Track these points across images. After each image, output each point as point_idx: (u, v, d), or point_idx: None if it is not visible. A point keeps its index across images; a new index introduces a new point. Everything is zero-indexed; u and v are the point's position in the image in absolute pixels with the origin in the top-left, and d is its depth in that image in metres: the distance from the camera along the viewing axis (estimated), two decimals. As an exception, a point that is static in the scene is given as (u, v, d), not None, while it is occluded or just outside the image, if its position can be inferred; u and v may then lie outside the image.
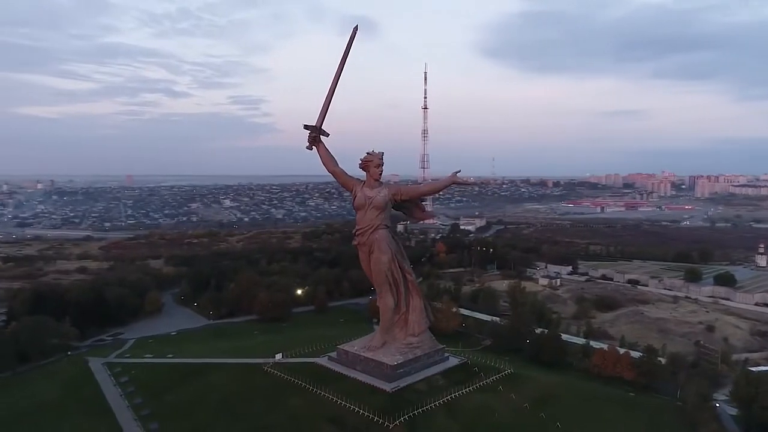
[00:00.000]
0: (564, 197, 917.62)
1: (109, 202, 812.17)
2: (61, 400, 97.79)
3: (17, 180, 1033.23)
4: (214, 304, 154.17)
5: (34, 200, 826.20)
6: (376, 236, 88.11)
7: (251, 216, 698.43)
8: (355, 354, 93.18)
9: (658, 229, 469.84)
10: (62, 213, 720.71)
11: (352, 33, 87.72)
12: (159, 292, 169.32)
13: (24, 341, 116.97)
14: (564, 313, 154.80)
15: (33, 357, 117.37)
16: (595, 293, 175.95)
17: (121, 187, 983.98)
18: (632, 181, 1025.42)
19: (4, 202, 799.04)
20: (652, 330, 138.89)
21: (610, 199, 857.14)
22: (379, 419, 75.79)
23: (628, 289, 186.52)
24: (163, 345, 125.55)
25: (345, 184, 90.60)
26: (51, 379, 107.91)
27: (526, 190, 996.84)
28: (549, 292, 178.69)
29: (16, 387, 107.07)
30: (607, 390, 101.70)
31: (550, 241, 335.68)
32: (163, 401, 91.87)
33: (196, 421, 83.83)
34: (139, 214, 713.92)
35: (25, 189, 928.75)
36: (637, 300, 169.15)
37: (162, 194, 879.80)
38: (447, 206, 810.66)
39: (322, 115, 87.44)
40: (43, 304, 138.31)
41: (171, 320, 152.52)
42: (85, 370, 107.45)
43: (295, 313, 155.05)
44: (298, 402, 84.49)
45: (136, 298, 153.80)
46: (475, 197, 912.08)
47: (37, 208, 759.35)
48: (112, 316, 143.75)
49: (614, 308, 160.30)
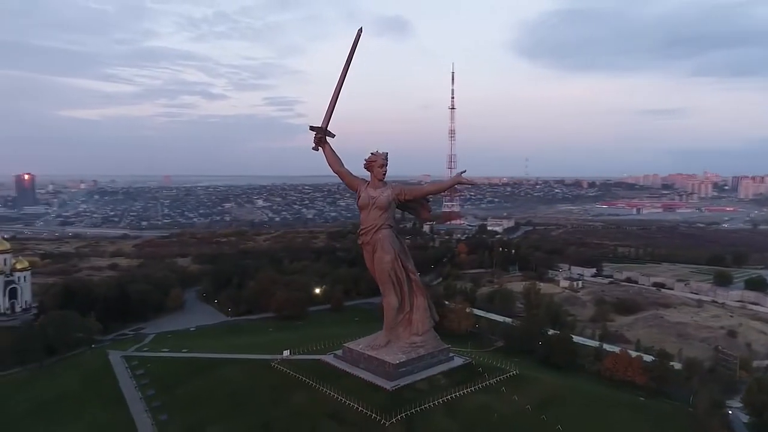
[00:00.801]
0: (599, 198, 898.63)
1: (147, 202, 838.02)
2: (81, 390, 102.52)
3: (62, 180, 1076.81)
4: (233, 301, 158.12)
5: (77, 200, 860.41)
6: (379, 236, 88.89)
7: (282, 216, 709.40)
8: (359, 352, 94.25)
9: (695, 231, 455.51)
10: (103, 212, 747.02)
11: (357, 36, 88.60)
12: (182, 289, 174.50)
13: (51, 334, 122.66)
14: (582, 316, 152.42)
15: (59, 349, 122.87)
16: (615, 296, 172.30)
17: (159, 186, 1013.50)
18: (672, 181, 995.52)
19: (50, 201, 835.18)
20: (671, 334, 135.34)
21: (647, 200, 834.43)
22: (377, 417, 76.65)
23: (652, 293, 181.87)
24: (180, 340, 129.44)
25: (350, 184, 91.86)
26: (74, 371, 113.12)
27: (560, 190, 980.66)
28: (568, 294, 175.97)
29: (42, 378, 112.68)
30: (617, 394, 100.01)
31: (578, 242, 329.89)
32: (174, 394, 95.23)
33: (203, 413, 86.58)
34: (175, 213, 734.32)
35: (69, 189, 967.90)
36: (659, 303, 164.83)
37: (198, 194, 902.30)
38: (478, 207, 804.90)
39: (327, 116, 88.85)
40: (72, 299, 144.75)
41: (191, 316, 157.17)
42: (106, 362, 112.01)
43: (311, 311, 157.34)
44: (301, 398, 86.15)
45: (158, 294, 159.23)
46: (507, 198, 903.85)
47: (80, 207, 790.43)
48: (136, 312, 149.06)
49: (634, 312, 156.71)
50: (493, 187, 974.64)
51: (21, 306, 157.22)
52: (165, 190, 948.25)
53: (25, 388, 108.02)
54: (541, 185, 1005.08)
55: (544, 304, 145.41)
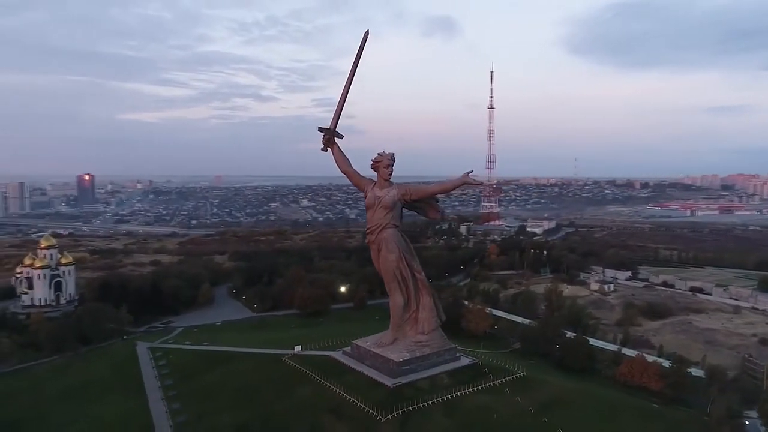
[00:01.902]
0: (651, 199, 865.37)
1: (198, 201, 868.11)
2: (107, 378, 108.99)
3: (120, 180, 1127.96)
4: (259, 297, 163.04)
5: (133, 199, 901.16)
6: (384, 235, 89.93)
7: (326, 215, 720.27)
8: (366, 349, 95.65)
9: (751, 234, 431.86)
10: (156, 211, 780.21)
11: (363, 38, 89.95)
12: (212, 286, 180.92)
13: (86, 325, 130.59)
14: (607, 320, 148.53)
15: (93, 339, 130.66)
16: (646, 300, 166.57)
17: (210, 186, 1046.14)
18: (732, 182, 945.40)
19: (108, 200, 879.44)
20: (698, 341, 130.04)
21: (703, 201, 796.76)
22: (374, 413, 77.95)
23: (686, 297, 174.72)
24: (205, 334, 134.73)
25: (357, 184, 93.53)
26: (104, 360, 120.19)
27: (611, 191, 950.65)
28: (596, 297, 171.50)
29: (76, 365, 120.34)
30: (629, 399, 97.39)
31: (620, 244, 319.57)
32: (189, 384, 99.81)
33: (214, 403, 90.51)
34: (223, 213, 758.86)
35: (127, 188, 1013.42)
36: (691, 309, 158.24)
37: (246, 194, 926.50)
38: (523, 208, 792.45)
39: (335, 118, 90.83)
40: (109, 293, 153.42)
41: (220, 311, 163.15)
42: (133, 352, 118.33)
43: (334, 309, 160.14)
44: (306, 392, 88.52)
45: (189, 289, 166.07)
46: (554, 198, 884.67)
47: (135, 206, 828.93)
48: (167, 306, 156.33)
49: (664, 316, 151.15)
50: (540, 188, 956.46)
51: (65, 298, 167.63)
52: (215, 190, 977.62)
53: (59, 374, 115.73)
54: (591, 186, 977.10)
55: (566, 307, 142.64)
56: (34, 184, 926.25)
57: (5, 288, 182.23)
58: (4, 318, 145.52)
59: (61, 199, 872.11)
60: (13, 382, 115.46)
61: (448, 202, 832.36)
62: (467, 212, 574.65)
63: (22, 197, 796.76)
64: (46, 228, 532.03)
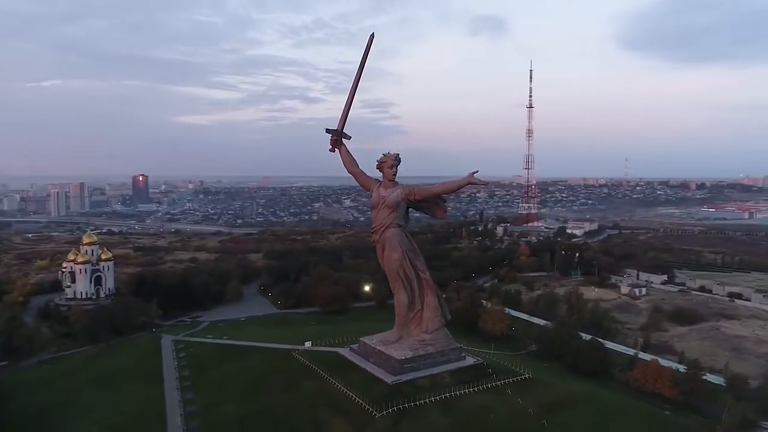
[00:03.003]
0: (707, 201, 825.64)
1: (245, 201, 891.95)
2: (131, 368, 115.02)
3: (174, 180, 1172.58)
4: (284, 295, 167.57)
5: (184, 198, 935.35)
6: (388, 234, 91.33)
7: (367, 216, 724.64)
8: (371, 347, 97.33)
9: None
10: (204, 210, 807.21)
11: (369, 41, 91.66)
12: (244, 283, 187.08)
13: (118, 318, 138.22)
14: (633, 324, 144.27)
15: (125, 331, 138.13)
16: (677, 305, 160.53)
17: (257, 187, 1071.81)
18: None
19: (160, 200, 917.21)
20: (724, 348, 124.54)
21: (764, 203, 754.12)
22: (370, 409, 79.58)
23: (721, 303, 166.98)
24: (228, 328, 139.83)
25: (363, 184, 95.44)
26: (132, 350, 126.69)
27: (663, 192, 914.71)
28: (624, 301, 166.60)
29: (106, 355, 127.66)
30: (639, 405, 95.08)
31: (662, 247, 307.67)
32: (204, 376, 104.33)
33: (223, 394, 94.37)
34: (268, 212, 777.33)
35: (179, 188, 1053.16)
36: (723, 315, 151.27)
37: (291, 194, 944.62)
38: (569, 209, 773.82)
39: (342, 119, 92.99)
40: (142, 288, 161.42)
41: (247, 307, 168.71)
42: (157, 345, 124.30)
43: (356, 307, 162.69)
44: (310, 386, 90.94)
45: (218, 286, 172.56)
46: (603, 200, 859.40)
47: (185, 206, 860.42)
48: (196, 301, 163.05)
49: (693, 322, 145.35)
50: (588, 189, 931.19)
51: (105, 292, 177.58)
52: (263, 190, 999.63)
53: (90, 363, 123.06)
54: (642, 186, 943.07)
55: (587, 310, 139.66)
56: (94, 185, 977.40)
57: (54, 281, 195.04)
58: (48, 309, 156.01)
59: (117, 199, 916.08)
60: (50, 369, 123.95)
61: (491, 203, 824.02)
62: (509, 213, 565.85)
63: (82, 197, 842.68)
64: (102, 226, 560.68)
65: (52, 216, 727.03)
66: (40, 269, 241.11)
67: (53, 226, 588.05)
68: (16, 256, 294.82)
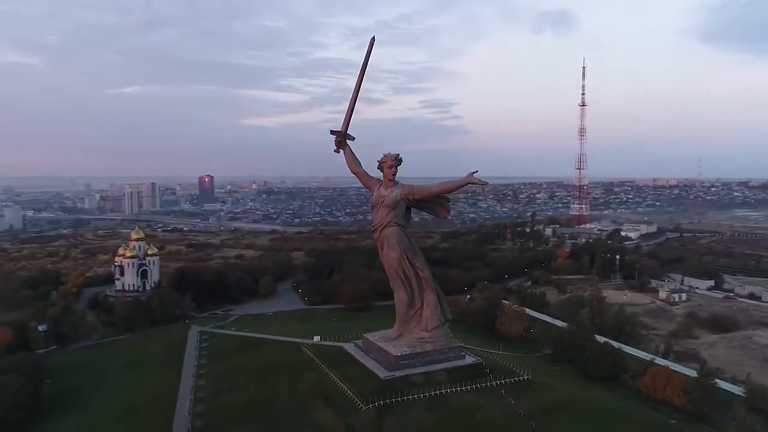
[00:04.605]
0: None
1: (304, 201, 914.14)
2: (157, 355, 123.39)
3: (239, 181, 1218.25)
4: (312, 291, 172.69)
5: (247, 198, 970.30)
6: (386, 233, 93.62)
7: (421, 216, 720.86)
8: (372, 343, 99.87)
9: None
10: (265, 210, 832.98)
11: (370, 44, 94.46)
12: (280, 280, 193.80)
13: (154, 309, 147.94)
14: (663, 330, 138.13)
15: (161, 322, 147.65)
16: (713, 311, 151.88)
17: (318, 187, 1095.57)
18: None
19: (225, 199, 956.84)
20: (754, 358, 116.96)
21: None
22: (358, 402, 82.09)
23: (764, 311, 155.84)
24: (253, 322, 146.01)
25: (365, 183, 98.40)
26: (163, 340, 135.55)
27: (741, 194, 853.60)
28: (656, 306, 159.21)
29: (140, 343, 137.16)
30: (644, 413, 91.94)
31: (723, 252, 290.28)
32: (218, 365, 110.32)
33: (233, 383, 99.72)
34: (325, 212, 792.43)
35: (243, 189, 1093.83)
36: (762, 323, 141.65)
37: (349, 194, 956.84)
38: (634, 211, 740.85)
39: (346, 121, 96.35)
40: (182, 281, 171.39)
41: (277, 303, 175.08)
42: (185, 335, 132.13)
43: (379, 305, 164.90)
44: (311, 378, 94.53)
45: (251, 281, 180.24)
46: (673, 201, 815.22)
47: (248, 205, 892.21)
48: (230, 295, 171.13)
49: (728, 330, 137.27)
50: (657, 190, 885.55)
51: (150, 285, 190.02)
52: (322, 191, 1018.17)
53: (126, 350, 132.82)
54: (718, 188, 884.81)
55: (609, 314, 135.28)
56: (166, 185, 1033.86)
57: (108, 274, 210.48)
58: (97, 300, 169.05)
59: (186, 198, 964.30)
60: (91, 353, 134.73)
61: (550, 204, 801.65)
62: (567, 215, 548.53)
63: (153, 196, 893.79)
64: (168, 224, 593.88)
65: (126, 214, 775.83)
66: (102, 263, 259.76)
67: (126, 224, 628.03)
68: (84, 250, 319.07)
